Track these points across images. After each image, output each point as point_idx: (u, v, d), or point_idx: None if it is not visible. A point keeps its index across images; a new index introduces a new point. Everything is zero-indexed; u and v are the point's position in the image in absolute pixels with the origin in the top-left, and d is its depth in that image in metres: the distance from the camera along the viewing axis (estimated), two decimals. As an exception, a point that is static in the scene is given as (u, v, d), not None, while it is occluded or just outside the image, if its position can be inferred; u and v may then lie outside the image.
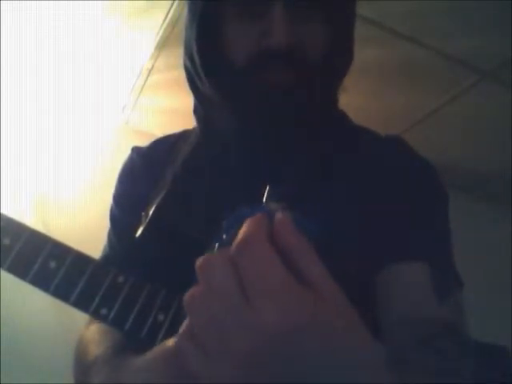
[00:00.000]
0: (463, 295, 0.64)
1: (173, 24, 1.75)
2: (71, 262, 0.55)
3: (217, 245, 0.42)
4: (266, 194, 0.43)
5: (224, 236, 0.42)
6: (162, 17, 1.75)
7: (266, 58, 0.61)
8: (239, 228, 0.41)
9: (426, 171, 0.71)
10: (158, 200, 0.69)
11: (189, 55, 0.68)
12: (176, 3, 1.67)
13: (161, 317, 0.55)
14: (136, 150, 0.80)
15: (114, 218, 0.78)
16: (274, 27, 0.60)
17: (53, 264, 0.54)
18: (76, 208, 2.13)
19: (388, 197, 0.64)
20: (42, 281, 0.54)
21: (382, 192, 0.65)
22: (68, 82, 2.13)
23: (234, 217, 0.42)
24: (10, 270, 0.54)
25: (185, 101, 0.77)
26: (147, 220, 0.68)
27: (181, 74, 0.73)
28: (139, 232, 0.68)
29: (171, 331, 0.54)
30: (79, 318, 0.72)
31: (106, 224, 0.79)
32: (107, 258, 0.75)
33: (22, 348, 1.85)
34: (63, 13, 1.74)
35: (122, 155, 0.82)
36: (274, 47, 0.60)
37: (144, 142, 0.83)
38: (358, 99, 1.56)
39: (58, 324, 1.89)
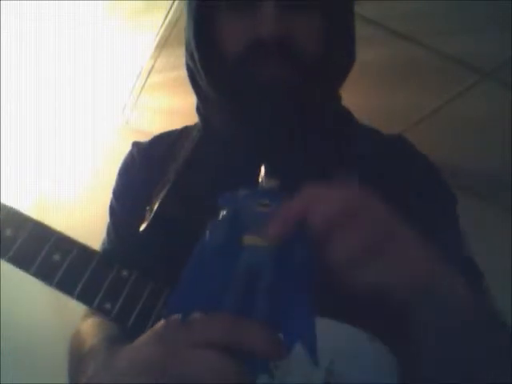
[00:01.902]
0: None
1: (173, 24, 1.75)
2: (75, 254, 0.54)
3: (221, 215, 0.42)
4: (262, 171, 0.43)
5: (221, 213, 0.42)
6: (162, 17, 1.75)
7: (255, 51, 0.61)
8: (234, 205, 0.41)
9: (433, 172, 0.71)
10: (161, 195, 0.69)
11: (189, 53, 0.69)
12: (176, 3, 1.67)
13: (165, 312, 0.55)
14: (136, 146, 0.80)
15: (113, 213, 0.77)
16: (263, 19, 0.60)
17: (57, 257, 0.53)
18: (76, 208, 2.13)
19: (395, 199, 0.64)
20: (45, 274, 0.53)
21: (386, 192, 0.64)
22: (68, 82, 2.13)
23: (229, 195, 0.43)
24: (13, 261, 0.53)
25: (185, 101, 0.78)
26: (152, 215, 0.67)
27: (181, 74, 0.73)
28: (143, 227, 0.68)
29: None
30: (79, 317, 0.72)
31: (106, 223, 0.79)
32: (106, 252, 0.75)
33: (22, 348, 1.85)
34: (63, 13, 1.74)
35: (122, 155, 0.82)
36: (263, 38, 0.60)
37: (144, 142, 0.83)
38: (358, 99, 1.56)
39: (57, 323, 1.89)
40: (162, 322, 0.45)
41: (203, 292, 0.40)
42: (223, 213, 0.42)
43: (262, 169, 0.44)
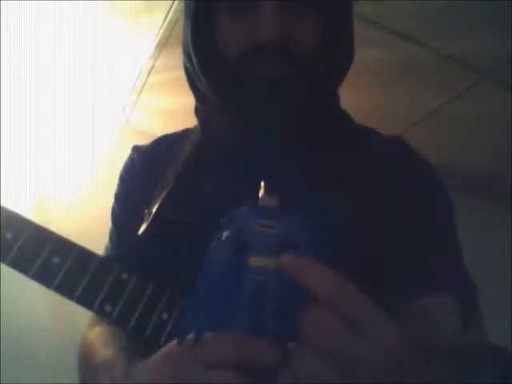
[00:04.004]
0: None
1: (173, 24, 1.75)
2: (75, 257, 0.54)
3: (224, 236, 0.43)
4: (262, 189, 0.44)
5: (224, 233, 0.43)
6: (162, 17, 1.75)
7: (255, 54, 0.61)
8: (237, 225, 0.41)
9: (432, 176, 0.71)
10: (160, 198, 0.69)
11: (187, 55, 0.68)
12: (176, 3, 1.67)
13: (165, 315, 0.55)
14: (137, 149, 0.81)
15: (115, 218, 0.78)
16: (262, 21, 0.60)
17: (56, 259, 0.53)
18: (76, 208, 2.13)
19: (393, 203, 0.64)
20: (44, 276, 0.53)
21: (385, 197, 0.64)
22: (68, 82, 2.13)
23: (231, 214, 0.43)
24: (12, 264, 0.53)
25: (185, 101, 0.77)
26: (150, 218, 0.68)
27: (181, 74, 0.73)
28: (142, 229, 0.68)
29: (175, 330, 0.54)
30: (79, 318, 0.72)
31: (106, 224, 0.79)
32: (109, 257, 0.75)
33: (22, 348, 1.85)
34: (63, 13, 1.74)
35: (122, 155, 0.82)
36: (261, 41, 0.60)
37: (144, 142, 0.83)
38: (358, 99, 1.56)
39: (58, 324, 1.89)
40: (173, 343, 0.46)
41: (213, 312, 0.41)
42: (227, 233, 0.42)
43: (262, 186, 0.44)
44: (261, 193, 0.44)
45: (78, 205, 2.14)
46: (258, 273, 0.40)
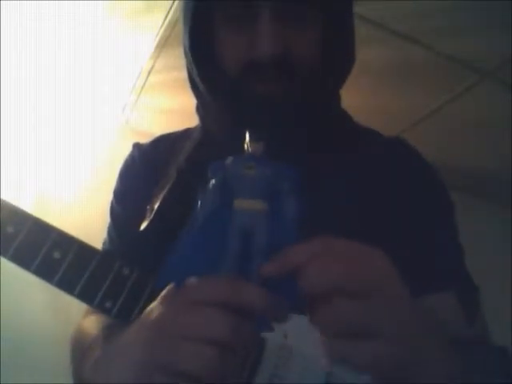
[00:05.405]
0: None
1: (173, 24, 1.75)
2: (76, 252, 0.54)
3: (211, 184, 0.44)
4: (246, 137, 0.45)
5: (213, 181, 0.44)
6: (162, 17, 1.75)
7: (252, 70, 0.61)
8: (223, 172, 0.42)
9: (432, 176, 0.71)
10: (162, 194, 0.69)
11: (188, 60, 0.69)
12: (176, 3, 1.67)
13: None
14: (137, 147, 0.81)
15: (114, 214, 0.78)
16: (259, 38, 0.60)
17: (57, 254, 0.53)
18: (76, 208, 2.13)
19: (393, 203, 0.64)
20: (45, 271, 0.53)
21: (385, 196, 0.64)
22: (68, 82, 2.13)
23: (217, 164, 0.44)
24: (13, 259, 0.52)
25: (185, 101, 0.78)
26: (152, 214, 0.68)
27: (181, 74, 0.73)
28: (144, 226, 0.68)
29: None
30: (78, 317, 0.72)
31: (106, 224, 0.79)
32: (110, 252, 0.75)
33: (22, 348, 1.85)
34: (63, 13, 1.74)
35: (122, 155, 0.82)
36: (260, 59, 0.60)
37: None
38: (357, 99, 1.56)
39: (58, 324, 1.89)
40: (167, 288, 0.47)
41: (200, 257, 0.42)
42: (212, 181, 0.44)
43: (247, 135, 0.46)
44: (246, 141, 0.45)
45: (78, 205, 2.14)
46: (243, 215, 0.41)
